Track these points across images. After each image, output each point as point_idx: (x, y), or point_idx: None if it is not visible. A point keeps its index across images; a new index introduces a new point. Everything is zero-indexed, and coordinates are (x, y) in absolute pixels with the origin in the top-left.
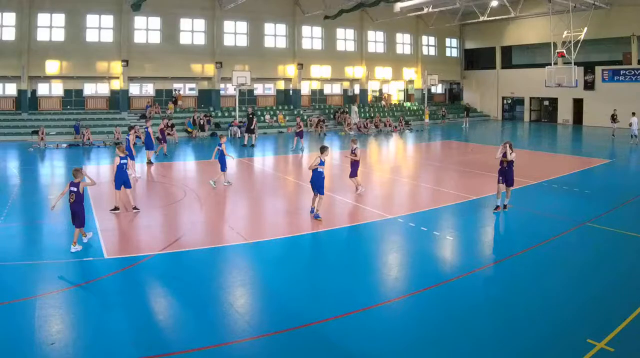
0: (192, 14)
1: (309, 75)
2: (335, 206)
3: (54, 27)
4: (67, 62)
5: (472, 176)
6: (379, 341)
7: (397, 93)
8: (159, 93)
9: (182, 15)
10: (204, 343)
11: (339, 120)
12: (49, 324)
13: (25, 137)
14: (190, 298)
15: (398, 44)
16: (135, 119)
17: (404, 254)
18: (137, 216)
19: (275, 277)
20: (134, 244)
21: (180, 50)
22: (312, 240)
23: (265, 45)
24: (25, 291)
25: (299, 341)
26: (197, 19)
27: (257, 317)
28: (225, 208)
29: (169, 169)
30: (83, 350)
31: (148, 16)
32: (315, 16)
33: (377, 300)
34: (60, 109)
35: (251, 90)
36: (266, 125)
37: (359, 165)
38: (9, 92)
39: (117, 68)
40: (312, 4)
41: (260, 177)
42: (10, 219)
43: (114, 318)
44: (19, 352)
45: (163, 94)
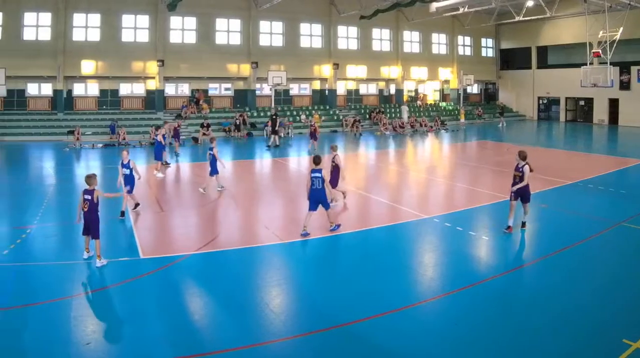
0: (228, 14)
1: (345, 75)
2: (370, 206)
3: (89, 27)
4: (103, 62)
5: (508, 176)
6: (414, 341)
7: (432, 93)
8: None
9: (218, 15)
10: (240, 343)
11: (375, 121)
12: (85, 324)
13: (61, 137)
14: (226, 298)
15: (434, 44)
16: (171, 119)
17: (440, 254)
18: (173, 216)
19: (310, 277)
20: (169, 244)
21: (215, 50)
22: (347, 240)
23: (301, 45)
24: (61, 291)
25: (334, 341)
26: (233, 18)
27: (292, 317)
28: (260, 208)
29: (204, 169)
30: (119, 350)
31: (184, 16)
32: (350, 16)
33: (412, 301)
34: (95, 109)
35: (287, 90)
36: (302, 125)
37: (339, 175)
38: (45, 92)
39: (152, 68)
40: (348, 4)
41: (295, 176)
42: (46, 219)
43: (150, 318)
44: (54, 352)
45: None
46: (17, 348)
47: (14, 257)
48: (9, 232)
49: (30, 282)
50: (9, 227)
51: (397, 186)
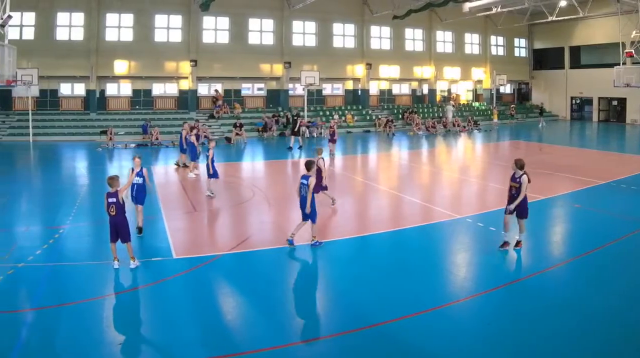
0: (261, 14)
1: (378, 75)
2: (403, 206)
3: (122, 27)
4: (136, 62)
5: (541, 176)
6: (446, 341)
7: (465, 93)
8: (227, 93)
9: (251, 15)
10: (272, 343)
11: (407, 121)
12: (118, 324)
13: (94, 137)
14: (258, 298)
15: (467, 44)
16: (204, 119)
17: (472, 254)
18: (205, 216)
19: (343, 277)
20: (202, 244)
21: (248, 50)
22: (380, 240)
23: (333, 45)
24: (93, 291)
25: (367, 341)
26: (266, 19)
27: (324, 317)
28: (294, 208)
29: (237, 169)
30: (150, 350)
31: (216, 16)
32: (383, 16)
33: (445, 301)
34: (128, 109)
35: (320, 90)
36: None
37: (322, 179)
38: (78, 92)
39: (185, 68)
40: (381, 4)
41: (328, 177)
42: (78, 219)
43: (183, 318)
44: (87, 352)
45: (232, 94)
46: (49, 348)
47: (47, 257)
48: (42, 232)
49: (63, 282)
50: (42, 227)
51: (429, 186)
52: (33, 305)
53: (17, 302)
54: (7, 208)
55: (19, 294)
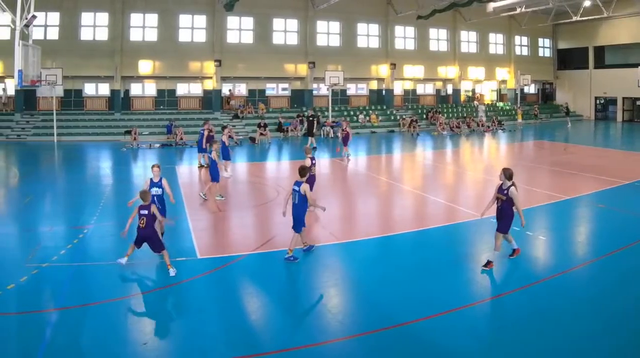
0: (285, 14)
1: (402, 75)
2: (427, 206)
3: (146, 27)
4: (160, 62)
5: (565, 176)
6: (471, 341)
7: (489, 93)
8: (252, 93)
9: (275, 15)
10: (297, 343)
11: (432, 121)
12: (142, 324)
13: (118, 137)
14: (283, 298)
15: (491, 44)
16: (228, 119)
17: (497, 254)
18: (230, 216)
19: (367, 277)
20: (226, 244)
21: (272, 50)
22: (404, 240)
23: (358, 45)
24: (118, 291)
25: (391, 341)
26: (290, 19)
27: (349, 317)
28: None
29: (261, 169)
30: (175, 350)
31: (241, 16)
32: (408, 16)
33: (469, 300)
34: (153, 109)
35: (344, 90)
36: (359, 126)
37: (314, 180)
38: (102, 92)
39: (210, 68)
40: (405, 4)
41: (352, 176)
42: (103, 219)
43: (207, 318)
44: (111, 352)
45: (256, 94)
46: (75, 348)
47: (71, 257)
48: (66, 232)
49: (87, 282)
50: (67, 227)
51: (453, 186)
52: (57, 305)
53: (41, 302)
54: (31, 208)
55: (43, 294)
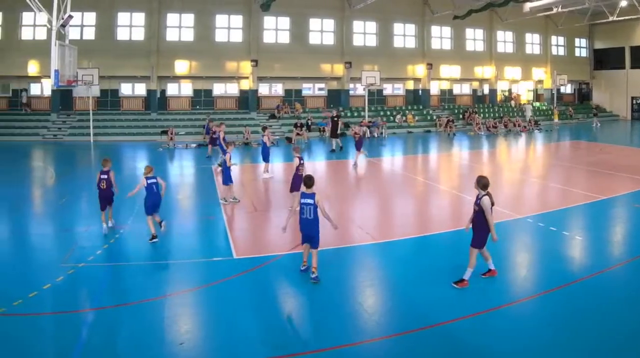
0: (321, 14)
1: (438, 75)
2: (464, 206)
3: (183, 27)
4: (196, 62)
5: (602, 176)
6: (507, 341)
7: (526, 93)
8: (288, 93)
9: (312, 15)
10: (333, 343)
11: (468, 121)
12: (178, 324)
13: (155, 137)
14: (319, 298)
15: (527, 44)
16: (265, 119)
17: (533, 254)
18: (266, 216)
19: (403, 277)
20: (263, 244)
21: (309, 50)
22: (440, 240)
23: (394, 45)
24: (154, 291)
25: (428, 341)
26: (327, 18)
27: (385, 317)
28: (354, 208)
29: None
30: (212, 349)
31: (277, 16)
32: (444, 16)
33: (506, 300)
34: (189, 109)
35: (380, 90)
36: (395, 126)
37: (300, 180)
38: (139, 92)
39: (246, 68)
40: (442, 4)
41: (388, 176)
42: (139, 219)
43: (243, 318)
44: (148, 352)
45: (292, 94)
46: (110, 347)
47: (107, 257)
48: (102, 232)
49: (123, 282)
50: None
51: (490, 186)
52: (93, 305)
53: (77, 302)
54: (68, 208)
55: (79, 294)
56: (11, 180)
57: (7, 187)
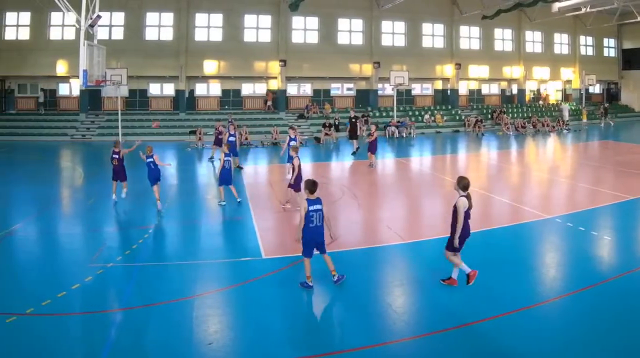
0: (350, 14)
1: (467, 75)
2: (492, 206)
3: (211, 27)
4: (225, 62)
5: (631, 176)
6: (536, 341)
7: (554, 93)
8: (316, 93)
9: (340, 15)
10: (362, 343)
11: (497, 121)
12: (207, 324)
13: (183, 137)
14: (348, 298)
15: (556, 44)
16: (293, 119)
17: (562, 254)
18: (295, 216)
19: (432, 276)
20: (291, 244)
21: (337, 50)
22: (470, 239)
23: (423, 45)
24: (183, 291)
25: (457, 341)
26: (355, 18)
27: (414, 317)
28: (382, 208)
29: (326, 169)
30: (241, 350)
31: (306, 16)
32: (473, 16)
33: (535, 300)
34: (218, 109)
35: (409, 90)
36: (424, 125)
37: (301, 179)
38: (167, 92)
39: (274, 68)
40: (470, 4)
41: (417, 176)
42: (167, 219)
43: (272, 318)
44: (177, 352)
45: (321, 94)
46: (139, 348)
47: (136, 257)
48: (130, 232)
49: (152, 282)
50: (131, 227)
51: (519, 186)
52: (122, 305)
53: (106, 302)
54: (96, 208)
55: (108, 294)
56: (40, 180)
57: (37, 187)
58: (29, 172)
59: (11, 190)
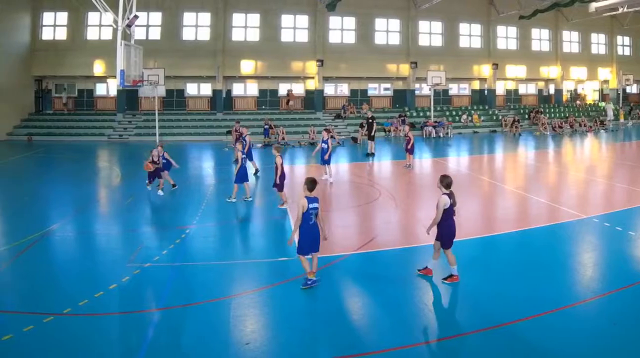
0: (387, 14)
1: (504, 75)
2: (529, 206)
3: (248, 27)
4: (262, 62)
5: None
6: (573, 341)
7: (592, 93)
8: (353, 93)
9: (377, 15)
10: (398, 343)
11: (534, 121)
12: (244, 324)
13: (220, 137)
14: (385, 298)
15: (593, 44)
16: (330, 119)
17: (599, 254)
18: (331, 216)
19: (469, 276)
20: (328, 244)
21: (374, 50)
22: (505, 240)
23: (460, 45)
24: (220, 291)
25: (494, 341)
26: (392, 18)
27: (451, 317)
28: (419, 207)
29: (363, 169)
30: (278, 350)
31: (343, 16)
32: (509, 16)
33: (571, 300)
34: (255, 109)
35: (446, 90)
36: (461, 126)
37: (285, 178)
38: (204, 92)
39: (312, 68)
40: (507, 4)
41: (454, 177)
42: (205, 219)
43: (309, 317)
44: (214, 352)
45: (358, 94)
46: (176, 347)
47: (173, 257)
48: (168, 232)
49: (189, 282)
50: (169, 227)
51: (555, 186)
52: (159, 305)
53: (143, 302)
54: (133, 208)
55: (145, 294)
56: (78, 180)
57: (74, 187)
58: (67, 172)
59: (49, 190)
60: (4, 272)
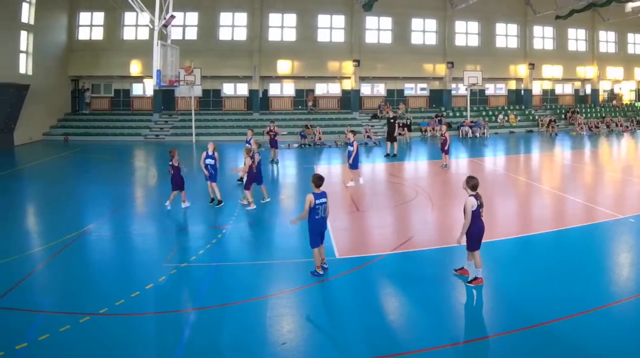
0: (424, 14)
1: (540, 75)
2: (565, 206)
3: (285, 27)
4: (298, 62)
5: None
6: (610, 341)
7: (628, 93)
8: (390, 93)
9: (414, 15)
10: (435, 343)
11: (570, 121)
12: (281, 324)
13: (257, 137)
14: (422, 298)
15: (629, 44)
16: (367, 119)
17: (636, 254)
18: (368, 216)
19: (506, 276)
20: (365, 244)
21: (411, 50)
22: (542, 240)
23: (496, 45)
24: (257, 291)
25: (531, 341)
26: (429, 19)
27: (488, 317)
28: (454, 208)
29: (399, 169)
30: (314, 350)
31: (379, 16)
32: (546, 16)
33: (608, 300)
34: (291, 109)
35: (482, 90)
36: (497, 126)
37: (260, 178)
38: (241, 92)
39: (348, 68)
40: (543, 4)
41: (491, 176)
42: (241, 219)
43: (346, 318)
44: (250, 352)
45: (394, 94)
46: (213, 348)
47: (209, 257)
48: (204, 232)
49: (225, 282)
50: (205, 227)
51: (592, 186)
52: (196, 305)
53: (179, 302)
54: (170, 208)
55: (181, 294)
56: (114, 180)
57: (111, 187)
58: (103, 172)
59: (85, 190)
60: (40, 272)
